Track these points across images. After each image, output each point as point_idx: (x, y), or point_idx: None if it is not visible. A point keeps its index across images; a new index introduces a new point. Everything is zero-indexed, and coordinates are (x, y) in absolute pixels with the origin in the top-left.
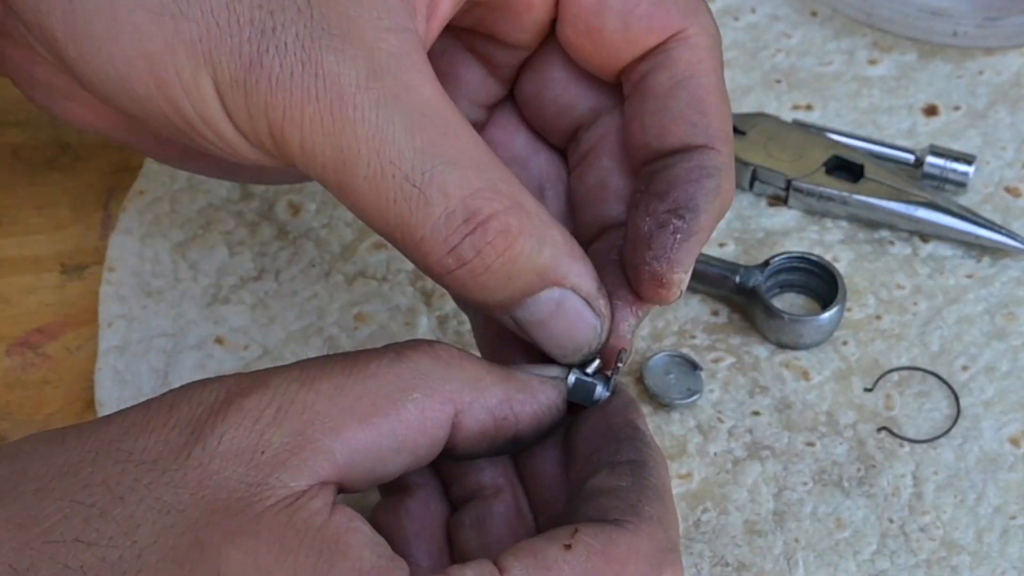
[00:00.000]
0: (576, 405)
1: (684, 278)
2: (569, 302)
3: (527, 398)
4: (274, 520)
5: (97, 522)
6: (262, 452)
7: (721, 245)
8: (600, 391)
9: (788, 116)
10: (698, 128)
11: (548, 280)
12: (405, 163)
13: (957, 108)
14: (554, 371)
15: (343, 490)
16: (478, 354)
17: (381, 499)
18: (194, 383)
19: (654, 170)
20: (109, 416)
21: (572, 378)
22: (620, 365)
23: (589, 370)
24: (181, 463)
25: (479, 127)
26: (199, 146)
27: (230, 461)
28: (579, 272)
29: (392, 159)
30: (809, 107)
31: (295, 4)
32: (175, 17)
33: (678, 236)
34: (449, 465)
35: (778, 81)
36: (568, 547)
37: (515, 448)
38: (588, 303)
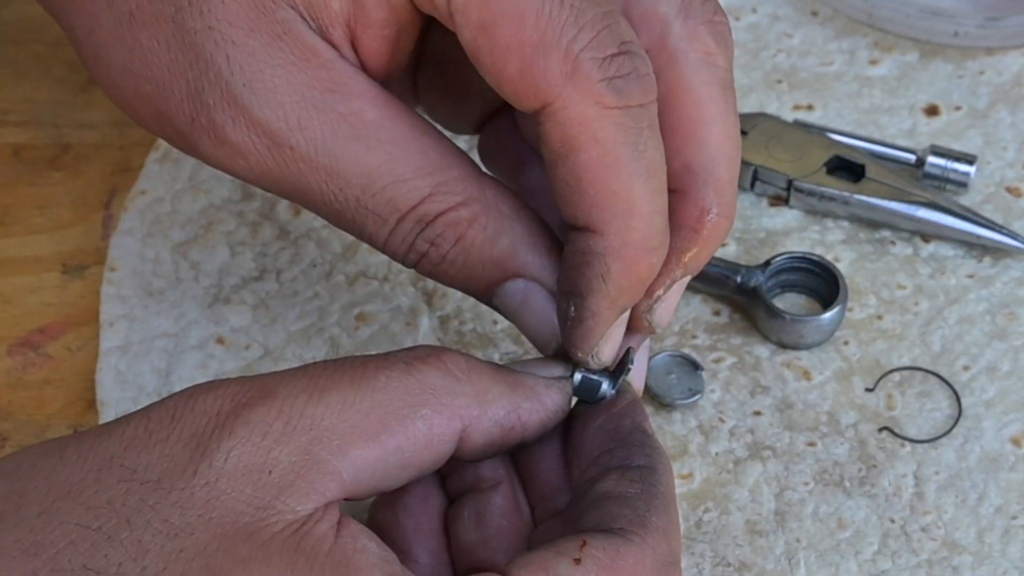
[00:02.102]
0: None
1: (588, 357)
2: (534, 294)
3: (534, 406)
4: (283, 546)
5: (105, 548)
6: (269, 472)
7: (723, 245)
8: (605, 389)
9: (789, 116)
10: (578, 210)
11: (508, 270)
12: (353, 189)
13: (958, 108)
14: (559, 369)
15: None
16: (480, 355)
17: (379, 495)
18: (195, 389)
19: (565, 239)
20: (109, 426)
21: (578, 376)
22: (630, 367)
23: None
24: (187, 481)
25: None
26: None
27: (237, 480)
28: (541, 265)
29: (341, 187)
30: (810, 107)
31: (217, 65)
32: (136, 76)
33: (568, 322)
34: None
35: (779, 81)
36: (578, 561)
37: (518, 448)
38: (550, 297)
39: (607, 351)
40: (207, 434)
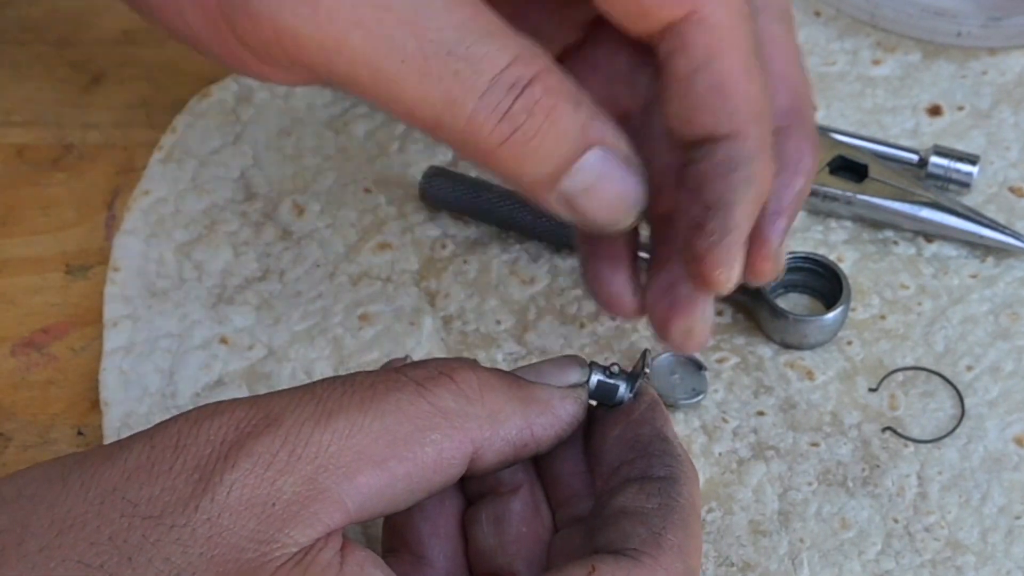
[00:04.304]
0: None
1: (730, 273)
2: (611, 161)
3: (548, 420)
4: None
5: None
6: (273, 504)
7: None
8: (623, 391)
9: None
10: (720, 116)
11: (590, 139)
12: (447, 40)
13: (961, 108)
14: (575, 375)
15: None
16: (482, 355)
17: None
18: (201, 412)
19: (688, 160)
20: (113, 452)
21: (595, 380)
22: (647, 370)
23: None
24: (188, 517)
25: (575, 44)
26: (237, 71)
27: (240, 515)
28: (614, 131)
29: (431, 37)
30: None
31: None
32: None
33: (712, 238)
34: None
35: None
36: None
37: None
38: (627, 163)
39: (736, 273)
40: (210, 465)
